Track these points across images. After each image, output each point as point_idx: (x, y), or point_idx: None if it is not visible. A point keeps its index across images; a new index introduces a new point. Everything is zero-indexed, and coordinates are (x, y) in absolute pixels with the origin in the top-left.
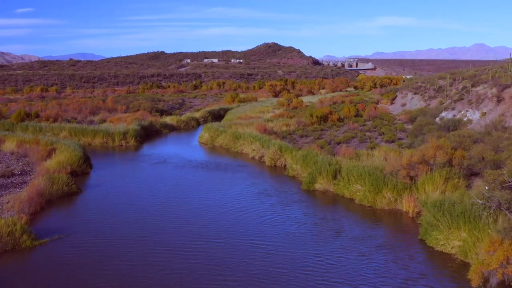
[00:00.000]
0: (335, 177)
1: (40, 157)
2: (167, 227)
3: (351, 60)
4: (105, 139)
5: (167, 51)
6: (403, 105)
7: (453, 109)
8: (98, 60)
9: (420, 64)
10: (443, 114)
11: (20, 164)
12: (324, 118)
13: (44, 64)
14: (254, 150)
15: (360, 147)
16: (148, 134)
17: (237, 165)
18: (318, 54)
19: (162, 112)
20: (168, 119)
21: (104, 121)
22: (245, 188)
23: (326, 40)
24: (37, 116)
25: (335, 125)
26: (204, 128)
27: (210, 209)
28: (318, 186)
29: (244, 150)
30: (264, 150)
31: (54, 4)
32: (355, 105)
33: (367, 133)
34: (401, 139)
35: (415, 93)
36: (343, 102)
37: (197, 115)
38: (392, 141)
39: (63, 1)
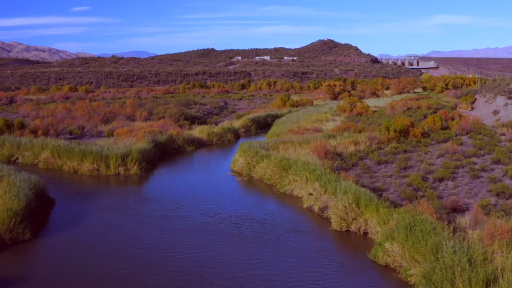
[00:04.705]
0: None
1: None
2: None
3: (412, 58)
4: (95, 165)
5: (219, 48)
6: (495, 112)
7: None
8: (143, 58)
9: (486, 63)
10: None
11: None
12: (404, 133)
13: (85, 61)
14: (311, 194)
15: (475, 189)
16: (164, 153)
17: (284, 226)
18: (373, 52)
19: (194, 120)
20: (196, 132)
21: (113, 133)
22: None
23: (381, 38)
24: (22, 127)
25: (420, 142)
26: (240, 149)
27: None
28: None
29: (296, 192)
30: (328, 198)
31: (110, 2)
32: (435, 112)
33: (475, 160)
34: None
35: (510, 98)
36: (419, 107)
37: (237, 124)
38: None
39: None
